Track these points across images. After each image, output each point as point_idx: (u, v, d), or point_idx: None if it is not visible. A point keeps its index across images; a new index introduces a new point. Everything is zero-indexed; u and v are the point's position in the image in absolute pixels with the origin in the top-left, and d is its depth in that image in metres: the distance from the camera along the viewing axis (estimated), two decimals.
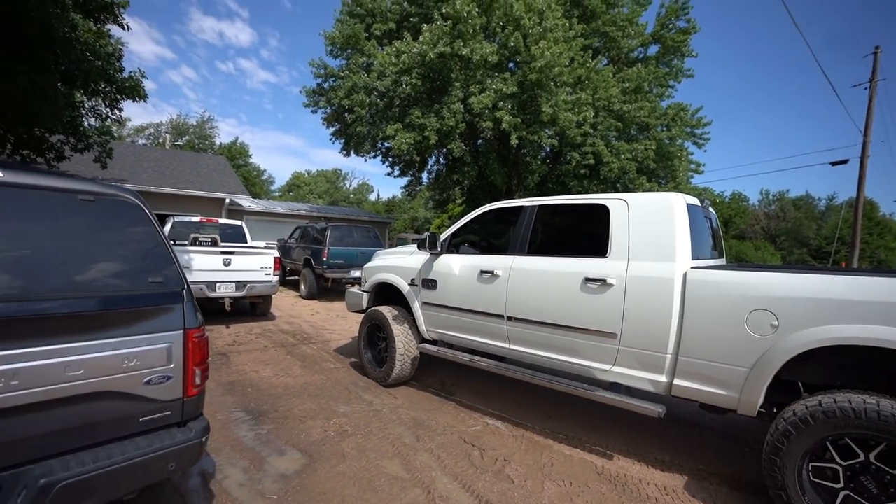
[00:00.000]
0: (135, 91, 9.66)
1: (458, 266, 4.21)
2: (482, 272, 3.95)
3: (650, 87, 14.09)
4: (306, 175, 58.09)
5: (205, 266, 6.95)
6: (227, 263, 7.14)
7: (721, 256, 4.11)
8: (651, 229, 3.12)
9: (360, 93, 12.85)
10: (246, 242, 9.46)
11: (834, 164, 17.29)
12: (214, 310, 7.95)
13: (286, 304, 10.36)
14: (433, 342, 4.63)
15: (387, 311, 4.78)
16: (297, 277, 12.62)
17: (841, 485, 2.40)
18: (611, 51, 14.91)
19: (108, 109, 10.30)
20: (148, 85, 9.96)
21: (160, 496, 2.67)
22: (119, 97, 9.88)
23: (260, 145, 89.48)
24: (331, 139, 16.32)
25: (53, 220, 1.96)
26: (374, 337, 5.03)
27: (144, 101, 10.01)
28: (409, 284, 4.69)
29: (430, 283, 4.42)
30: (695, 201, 3.43)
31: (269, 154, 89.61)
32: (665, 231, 3.06)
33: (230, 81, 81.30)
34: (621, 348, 3.12)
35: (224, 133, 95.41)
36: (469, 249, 4.39)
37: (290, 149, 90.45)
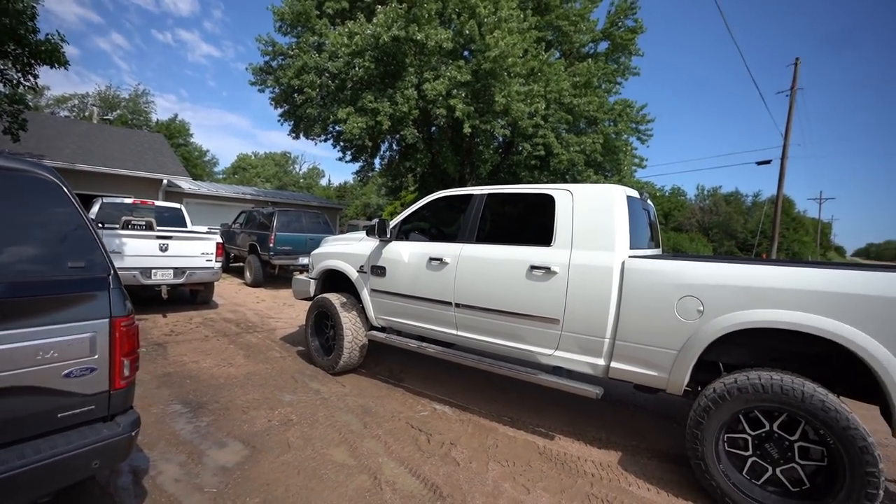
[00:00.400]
0: (53, 56, 8.76)
1: (407, 253, 4.21)
2: (431, 259, 3.97)
3: (599, 82, 14.54)
4: (253, 157, 55.52)
5: (139, 251, 6.50)
6: (163, 249, 6.72)
7: (657, 247, 4.37)
8: (593, 219, 3.25)
9: (310, 73, 12.36)
10: (185, 227, 8.92)
11: (759, 163, 18.76)
12: (150, 298, 7.49)
13: (230, 291, 9.93)
14: (382, 329, 4.62)
15: (335, 299, 4.70)
16: (241, 264, 12.11)
17: (749, 452, 2.66)
18: (563, 45, 15.23)
19: (19, 75, 9.26)
20: (69, 50, 9.08)
21: (86, 497, 2.51)
22: (33, 62, 8.92)
23: (202, 124, 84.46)
24: (279, 120, 15.62)
25: None
26: (322, 325, 4.95)
27: (66, 69, 9.12)
28: (358, 271, 4.63)
29: (379, 270, 4.39)
30: (634, 194, 3.61)
31: (213, 134, 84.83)
32: (606, 221, 3.20)
33: (168, 53, 75.82)
34: (563, 333, 3.26)
35: (162, 109, 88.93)
36: (419, 237, 4.39)
37: (236, 129, 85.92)
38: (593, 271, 3.13)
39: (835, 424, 2.33)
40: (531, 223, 3.72)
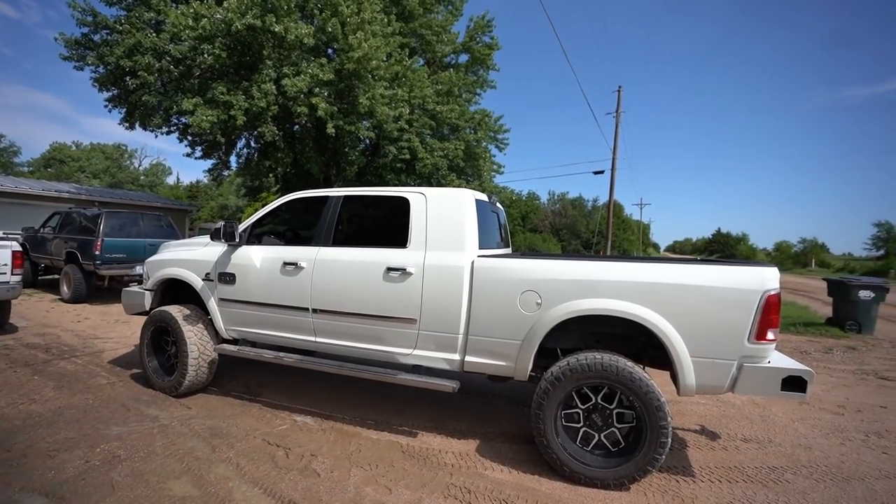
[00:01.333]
0: None
1: (259, 258, 3.93)
2: (286, 264, 3.77)
3: (460, 91, 15.37)
4: (74, 148, 46.39)
5: None
6: None
7: (507, 246, 4.78)
8: (445, 222, 3.43)
9: (146, 55, 10.73)
10: None
11: (595, 173, 21.81)
12: None
13: (38, 310, 8.15)
14: (234, 341, 4.24)
15: (176, 311, 4.18)
16: (57, 276, 10.02)
17: (581, 424, 3.07)
18: (426, 53, 15.75)
19: None
20: None
21: None
22: None
23: None
24: (106, 106, 13.21)
25: None
26: (162, 341, 4.37)
27: None
28: (204, 279, 4.18)
29: (227, 278, 4.02)
30: (483, 197, 3.90)
31: (13, 116, 68.14)
32: (456, 223, 3.41)
33: None
34: (420, 332, 3.38)
35: None
36: (272, 240, 4.13)
37: (49, 112, 70.30)
38: (446, 271, 3.30)
39: (639, 391, 2.82)
40: (387, 225, 3.77)
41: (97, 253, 8.76)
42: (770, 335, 2.73)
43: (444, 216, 3.44)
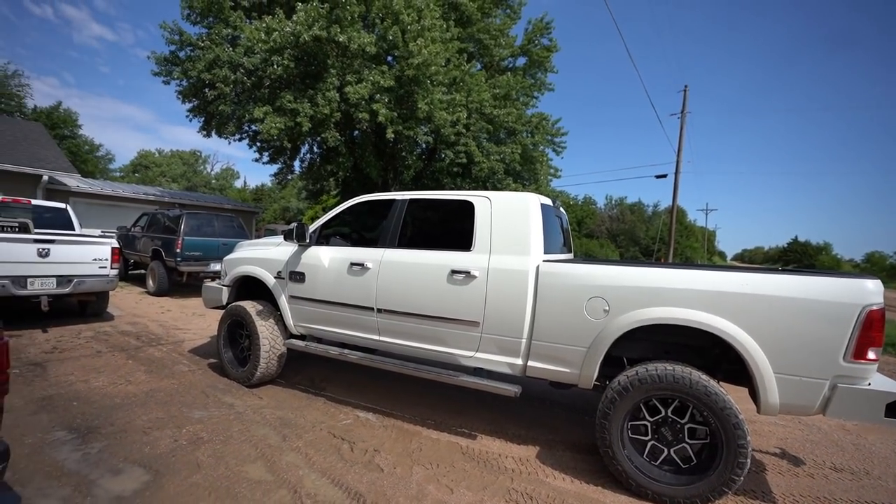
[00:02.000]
0: None
1: (327, 258, 4.11)
2: (352, 265, 3.92)
3: (518, 95, 15.27)
4: (157, 155, 50.78)
5: (9, 257, 5.66)
6: (43, 254, 5.91)
7: (569, 251, 4.69)
8: (510, 225, 3.43)
9: (223, 68, 11.60)
10: (73, 229, 7.92)
11: (657, 177, 20.86)
12: (26, 310, 6.54)
13: (129, 302, 8.98)
14: (301, 337, 4.46)
15: (250, 307, 4.46)
16: (143, 271, 11.01)
17: (649, 437, 2.95)
18: (484, 57, 15.79)
19: None
20: None
21: None
22: None
23: (93, 114, 75.38)
24: (188, 116, 14.41)
25: None
26: (236, 334, 4.67)
27: None
28: (276, 277, 4.43)
29: (297, 276, 4.24)
30: (548, 202, 3.85)
31: (107, 126, 75.98)
32: (522, 227, 3.39)
33: (48, 29, 66.53)
34: (483, 335, 3.39)
35: (40, 94, 77.68)
36: (339, 241, 4.31)
37: (136, 122, 77.54)
38: (510, 275, 3.29)
39: (714, 406, 2.67)
40: (451, 228, 3.81)
41: (178, 251, 9.54)
42: (871, 354, 2.49)
43: (509, 220, 3.44)
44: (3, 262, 5.58)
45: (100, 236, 7.22)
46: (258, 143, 14.52)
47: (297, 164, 16.67)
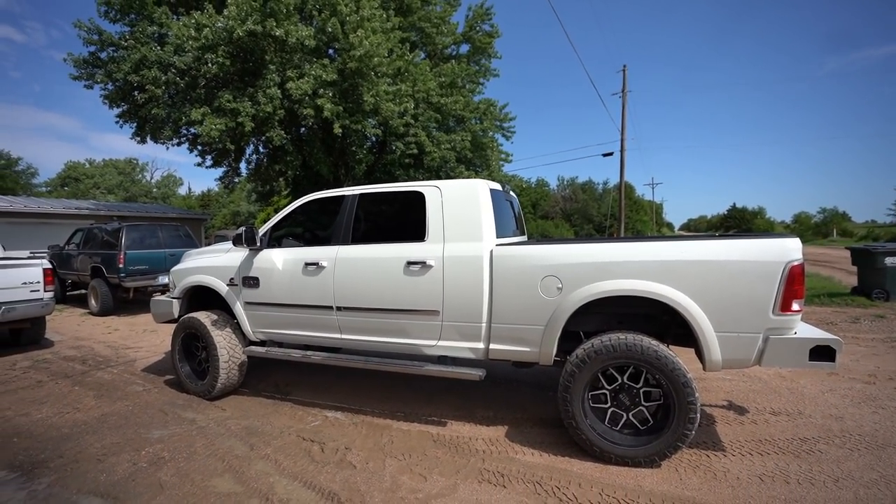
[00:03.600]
0: None
1: (280, 260, 4.02)
2: (307, 264, 3.85)
3: (463, 82, 15.29)
4: (88, 165, 47.26)
5: None
6: None
7: (523, 234, 4.80)
8: (461, 213, 3.47)
9: (152, 68, 10.89)
10: None
11: (604, 155, 21.58)
12: None
13: (70, 324, 8.42)
14: (261, 343, 4.35)
15: (204, 317, 4.30)
16: (84, 291, 10.32)
17: (608, 404, 3.11)
18: (427, 46, 15.69)
19: None
20: None
21: None
22: None
23: (8, 125, 68.73)
24: (117, 122, 13.43)
25: None
26: (192, 347, 4.50)
27: None
28: (228, 284, 4.29)
29: (251, 281, 4.12)
30: (497, 186, 3.92)
31: (27, 138, 69.54)
32: (472, 214, 3.44)
33: None
34: (444, 323, 3.43)
35: None
36: (292, 242, 4.22)
37: (59, 131, 71.42)
38: (465, 261, 3.35)
39: (665, 369, 2.84)
40: (404, 220, 3.81)
41: (121, 266, 9.00)
42: (795, 306, 2.72)
43: (459, 207, 3.48)
44: None
45: (28, 257, 6.70)
46: (199, 147, 13.81)
47: (243, 165, 16.01)
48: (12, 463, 3.18)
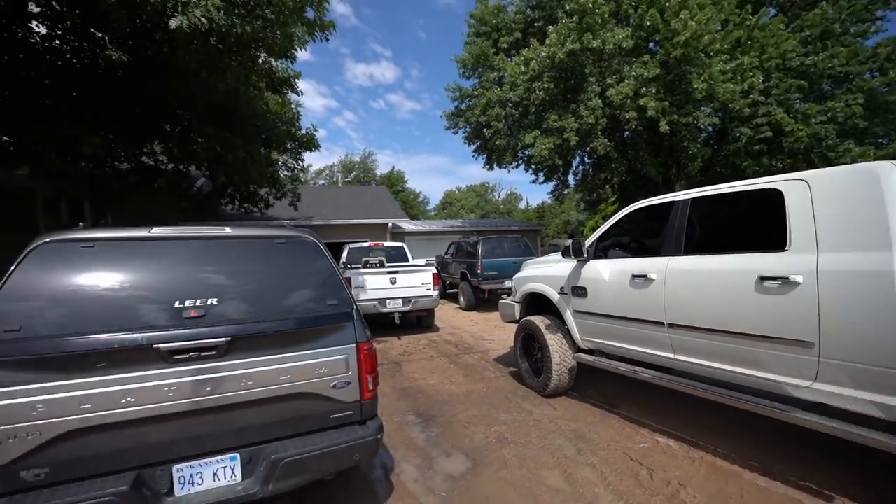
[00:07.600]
0: (311, 143, 11.67)
1: (606, 271, 4.03)
2: (634, 276, 3.70)
3: (844, 26, 11.25)
4: (457, 192, 61.46)
5: (376, 285, 7.95)
6: (393, 282, 8.05)
7: None
8: (849, 212, 2.54)
9: (494, 107, 13.22)
10: (408, 261, 10.49)
11: None
12: (387, 323, 8.99)
13: (447, 315, 11.10)
14: (590, 351, 4.47)
15: (539, 321, 4.79)
16: (456, 290, 13.45)
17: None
18: None
19: (294, 162, 12.74)
20: (319, 134, 11.96)
21: (352, 483, 3.17)
22: (300, 150, 12.10)
23: (413, 169, 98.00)
24: (473, 155, 17.10)
25: (263, 260, 2.56)
26: (530, 346, 5.07)
27: (318, 150, 12.02)
28: (559, 293, 4.63)
29: (579, 291, 4.31)
30: None
31: (422, 176, 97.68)
32: (871, 212, 2.46)
33: (382, 116, 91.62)
34: (822, 360, 2.58)
35: (382, 163, 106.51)
36: (618, 253, 4.16)
37: (440, 169, 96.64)
38: (857, 278, 2.42)
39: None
40: (753, 226, 3.13)
41: (479, 271, 11.23)
42: None
43: (845, 204, 2.56)
44: (372, 289, 7.90)
45: (424, 265, 9.29)
46: (532, 166, 15.72)
47: (570, 178, 17.17)
48: (418, 412, 4.47)
